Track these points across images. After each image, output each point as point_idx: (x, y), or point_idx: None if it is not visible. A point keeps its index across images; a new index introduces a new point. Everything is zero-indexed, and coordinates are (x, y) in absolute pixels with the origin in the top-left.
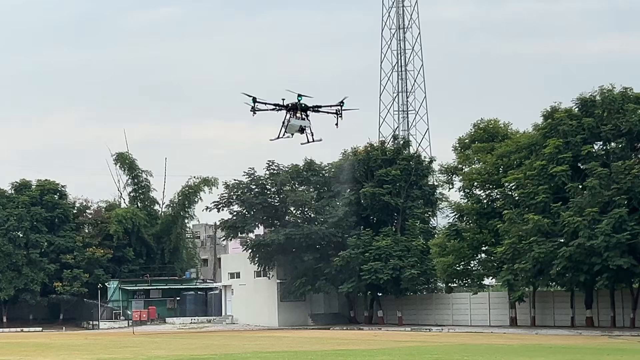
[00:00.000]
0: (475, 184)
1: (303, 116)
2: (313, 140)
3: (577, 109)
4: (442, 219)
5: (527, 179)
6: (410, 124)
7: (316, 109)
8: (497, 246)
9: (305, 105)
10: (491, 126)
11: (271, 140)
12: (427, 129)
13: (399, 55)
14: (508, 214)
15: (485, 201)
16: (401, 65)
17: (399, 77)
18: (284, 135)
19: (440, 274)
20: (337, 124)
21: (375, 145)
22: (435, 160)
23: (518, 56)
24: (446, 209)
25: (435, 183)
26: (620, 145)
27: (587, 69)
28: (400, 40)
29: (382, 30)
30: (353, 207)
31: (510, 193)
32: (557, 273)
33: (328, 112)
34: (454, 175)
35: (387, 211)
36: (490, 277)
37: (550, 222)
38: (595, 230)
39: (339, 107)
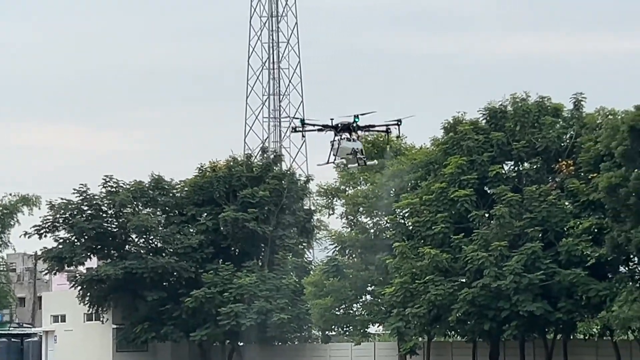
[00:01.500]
0: (361, 209)
1: (354, 137)
2: (365, 164)
3: (484, 121)
4: (319, 252)
5: (424, 205)
6: (283, 134)
7: (368, 128)
8: (386, 286)
9: (357, 125)
10: (381, 139)
11: (319, 165)
12: (304, 141)
13: (271, 49)
14: (399, 247)
15: (372, 231)
16: (273, 62)
17: (271, 76)
18: (334, 159)
19: (315, 320)
20: (388, 143)
21: (239, 159)
22: (312, 179)
23: (416, 55)
24: (325, 240)
25: (312, 207)
26: (534, 166)
27: (498, 72)
28: (272, 30)
29: (251, 17)
30: (210, 235)
31: (402, 221)
32: (457, 320)
33: (379, 131)
34: (336, 199)
35: (252, 241)
36: (377, 324)
37: (450, 258)
38: (504, 268)
39: (394, 126)
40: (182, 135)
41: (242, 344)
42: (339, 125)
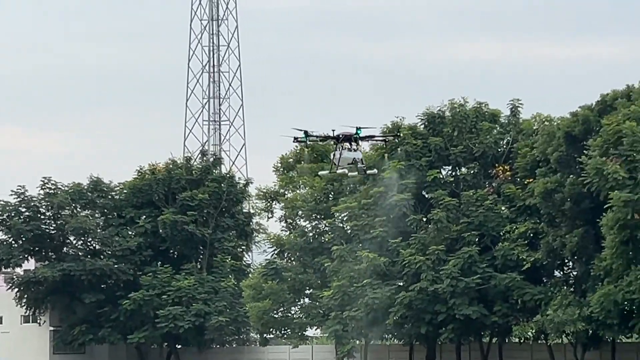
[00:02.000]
0: (300, 212)
1: (354, 147)
2: (365, 173)
3: (423, 126)
4: (258, 255)
5: (362, 209)
6: (223, 137)
7: (368, 139)
8: (324, 289)
9: (359, 136)
10: (320, 143)
11: (322, 175)
12: (244, 144)
13: (211, 53)
14: (338, 250)
15: (311, 234)
16: (213, 65)
17: (211, 80)
18: (337, 169)
19: (254, 322)
20: (386, 153)
21: (178, 162)
22: (252, 182)
23: (357, 59)
24: (264, 243)
25: (252, 211)
26: (472, 171)
27: (439, 77)
28: (213, 34)
29: (192, 21)
30: (149, 237)
31: (341, 225)
32: (394, 323)
33: (377, 141)
34: (275, 202)
35: (191, 244)
36: (315, 327)
37: (387, 262)
38: (441, 272)
39: (393, 137)
40: (121, 137)
41: (180, 346)
42: (341, 136)
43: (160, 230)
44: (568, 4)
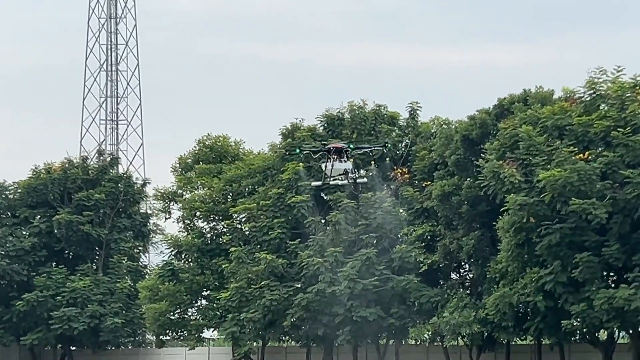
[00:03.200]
0: (198, 213)
1: (344, 159)
2: (355, 181)
3: (322, 128)
4: (155, 256)
5: (261, 210)
6: (120, 137)
7: (358, 148)
8: (222, 291)
9: (350, 148)
10: (220, 144)
11: (316, 185)
12: (142, 143)
13: (109, 52)
14: (236, 252)
15: (209, 235)
16: (111, 64)
17: (108, 78)
18: (329, 179)
19: (150, 324)
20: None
21: (74, 161)
22: (150, 183)
23: (259, 61)
24: (161, 244)
25: (149, 211)
26: (370, 174)
27: (340, 79)
28: (111, 32)
29: (89, 18)
30: (44, 237)
31: (239, 226)
32: (291, 325)
33: (366, 150)
34: (173, 203)
35: (87, 244)
36: (212, 329)
37: (286, 263)
38: (339, 274)
39: (379, 147)
40: (16, 136)
41: (74, 348)
42: (332, 148)
43: (55, 231)
44: (469, 11)
